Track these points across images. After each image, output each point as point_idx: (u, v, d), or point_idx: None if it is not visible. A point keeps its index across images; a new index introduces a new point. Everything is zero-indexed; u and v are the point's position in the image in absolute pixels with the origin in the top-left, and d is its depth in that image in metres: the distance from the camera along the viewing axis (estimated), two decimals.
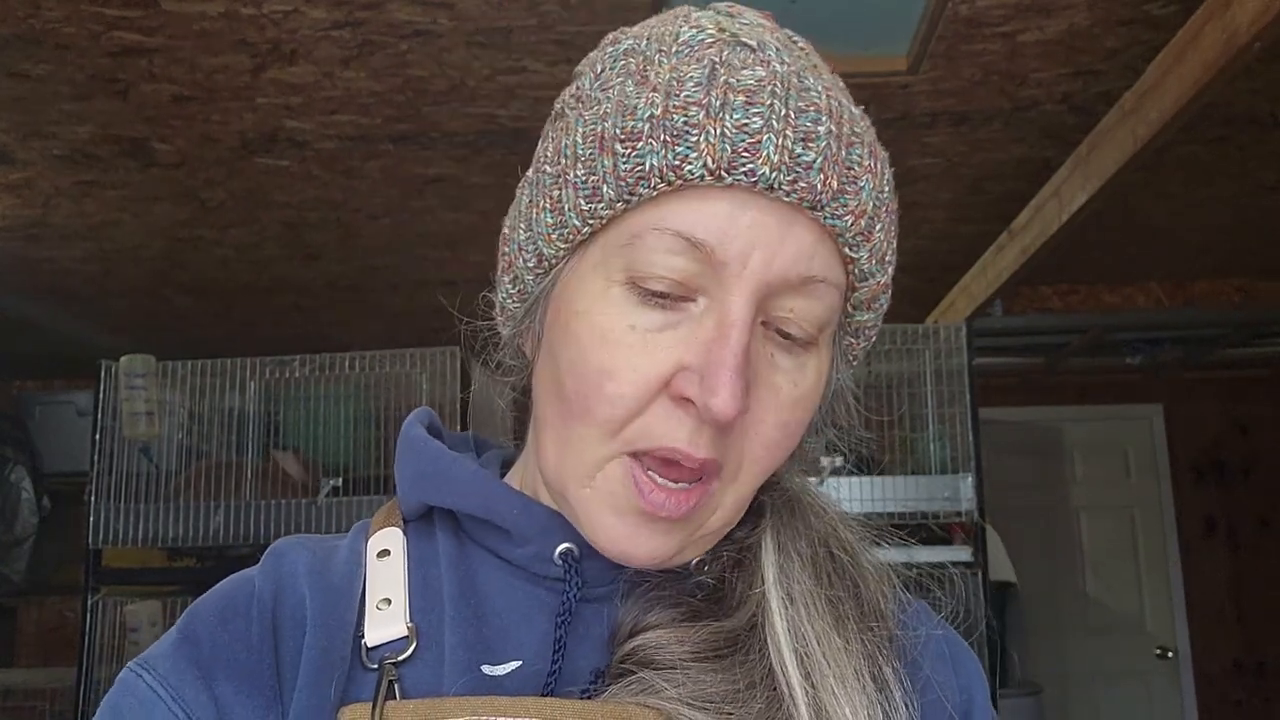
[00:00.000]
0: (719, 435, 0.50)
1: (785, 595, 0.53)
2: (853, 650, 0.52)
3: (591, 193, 0.51)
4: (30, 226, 3.23)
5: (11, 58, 2.20)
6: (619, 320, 0.50)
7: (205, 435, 2.91)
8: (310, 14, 2.06)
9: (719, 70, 0.50)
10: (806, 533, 0.56)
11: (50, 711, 3.62)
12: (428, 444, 0.60)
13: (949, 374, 2.67)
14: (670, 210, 0.49)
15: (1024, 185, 3.00)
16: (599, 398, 0.50)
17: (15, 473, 4.53)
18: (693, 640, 0.51)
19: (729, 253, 0.49)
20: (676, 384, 0.49)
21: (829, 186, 0.49)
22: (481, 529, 0.58)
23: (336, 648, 0.53)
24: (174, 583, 3.01)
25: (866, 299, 0.55)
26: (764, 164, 0.48)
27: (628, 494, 0.51)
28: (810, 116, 0.49)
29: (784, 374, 0.52)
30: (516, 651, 0.53)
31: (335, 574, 0.57)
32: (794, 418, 0.52)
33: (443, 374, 2.72)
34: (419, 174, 2.91)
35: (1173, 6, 2.06)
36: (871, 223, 0.51)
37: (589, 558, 0.55)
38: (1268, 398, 4.74)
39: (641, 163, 0.49)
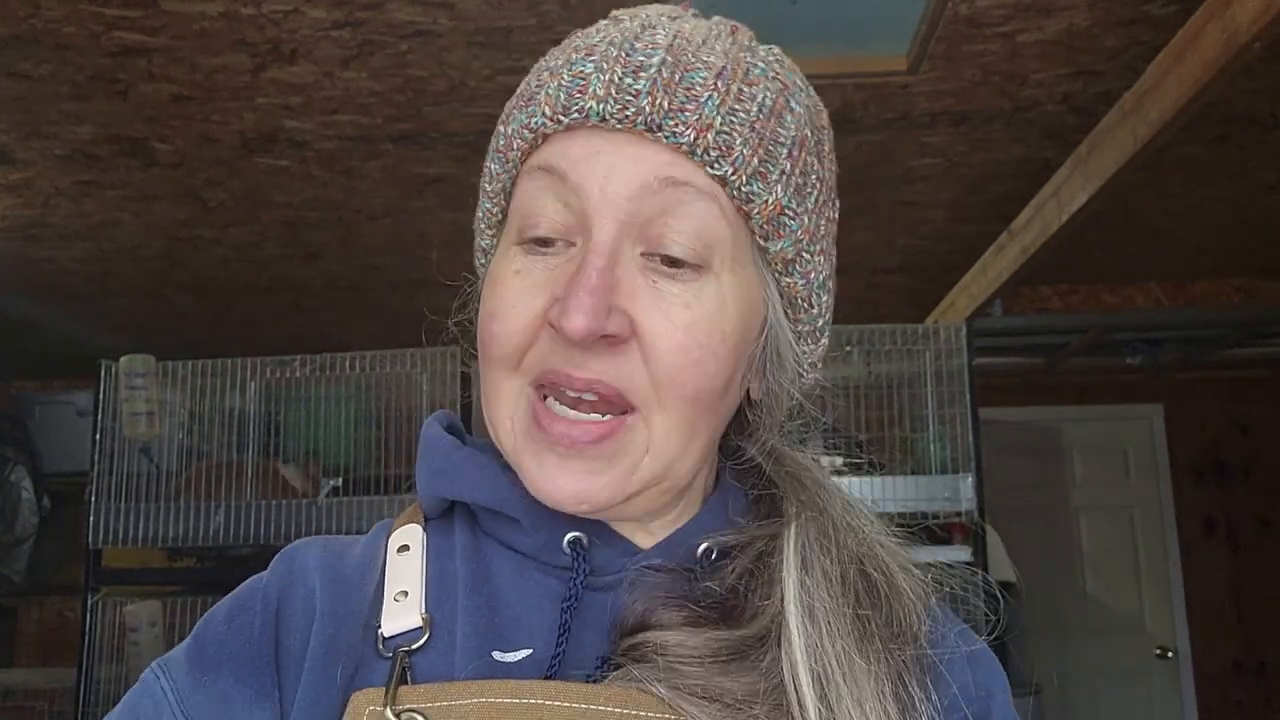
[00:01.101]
0: (601, 357, 0.52)
1: (806, 612, 0.52)
2: (875, 671, 0.51)
3: (489, 174, 0.61)
4: (30, 226, 3.23)
5: (11, 57, 2.20)
6: (507, 269, 0.56)
7: (205, 435, 2.91)
8: (310, 14, 2.06)
9: (574, 39, 0.58)
10: (837, 551, 0.56)
11: (50, 712, 3.62)
12: (442, 440, 0.62)
13: (949, 374, 2.67)
14: (533, 158, 0.56)
15: (1024, 185, 3.00)
16: (491, 338, 0.55)
17: (15, 473, 4.53)
18: (699, 644, 0.51)
19: (583, 177, 0.53)
20: (550, 314, 0.53)
21: (660, 106, 0.52)
22: (495, 522, 0.59)
23: (344, 635, 0.55)
24: (174, 583, 3.01)
25: (765, 223, 0.55)
26: (590, 99, 0.53)
27: (535, 435, 0.54)
28: (644, 53, 0.54)
29: (674, 298, 0.53)
30: (528, 639, 0.55)
31: (348, 567, 0.59)
32: (693, 340, 0.53)
33: (443, 374, 2.72)
34: (419, 174, 2.91)
35: (1173, 6, 2.06)
36: (727, 137, 0.53)
37: (598, 546, 0.57)
38: (1268, 398, 4.74)
39: (507, 130, 0.58)
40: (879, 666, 0.51)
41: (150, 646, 2.58)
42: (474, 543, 0.59)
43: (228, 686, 0.54)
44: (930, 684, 0.53)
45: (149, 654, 2.57)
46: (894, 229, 3.45)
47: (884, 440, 2.72)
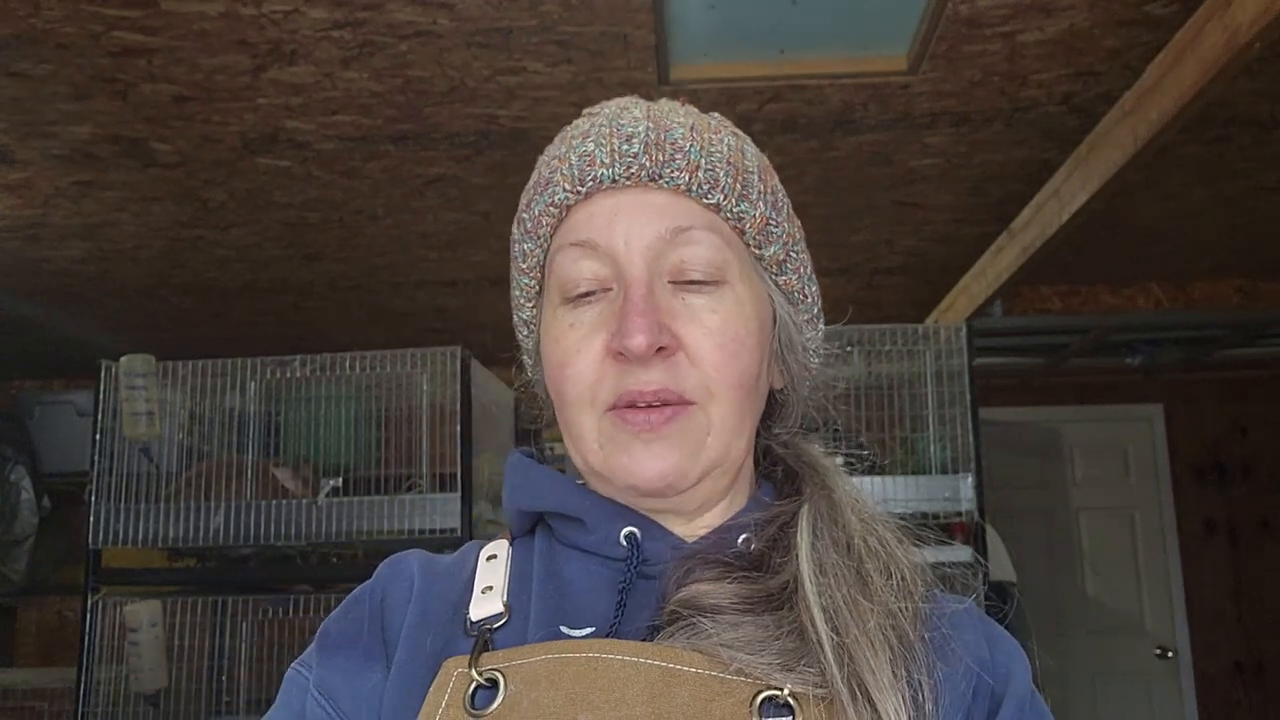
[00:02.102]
0: (664, 368, 0.64)
1: (816, 566, 0.62)
2: (877, 610, 0.60)
3: (523, 255, 0.72)
4: (30, 226, 3.23)
5: (11, 57, 2.20)
6: (562, 325, 0.67)
7: (206, 435, 2.91)
8: (310, 14, 2.07)
9: (567, 133, 0.71)
10: (844, 523, 0.66)
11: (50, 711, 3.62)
12: (522, 462, 0.74)
13: (949, 374, 2.67)
14: (564, 232, 0.68)
15: (1024, 186, 3.00)
16: (565, 383, 0.66)
17: (15, 473, 4.53)
18: (732, 592, 0.61)
19: (609, 239, 0.65)
20: (609, 347, 0.64)
21: (656, 160, 0.66)
22: (565, 527, 0.70)
23: (434, 613, 0.67)
24: (174, 583, 3.01)
25: (757, 234, 0.69)
26: (600, 167, 0.66)
27: (622, 433, 0.64)
28: (629, 126, 0.67)
29: (702, 309, 0.65)
30: (591, 620, 0.64)
31: (440, 565, 0.72)
32: (728, 336, 0.65)
33: (443, 374, 2.72)
34: (419, 174, 2.91)
35: (1173, 6, 2.06)
36: (712, 174, 0.66)
37: (649, 539, 0.67)
38: (1268, 398, 4.74)
39: (534, 212, 0.70)
40: (879, 607, 0.60)
41: (150, 646, 2.58)
42: (549, 549, 0.70)
43: (346, 661, 0.67)
44: (928, 638, 0.61)
45: (149, 654, 2.57)
46: (894, 229, 3.45)
47: (884, 440, 2.72)
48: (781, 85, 2.39)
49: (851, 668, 0.57)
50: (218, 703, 3.08)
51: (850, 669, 0.57)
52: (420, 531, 2.63)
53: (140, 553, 3.03)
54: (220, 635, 3.07)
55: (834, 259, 3.75)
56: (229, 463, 2.79)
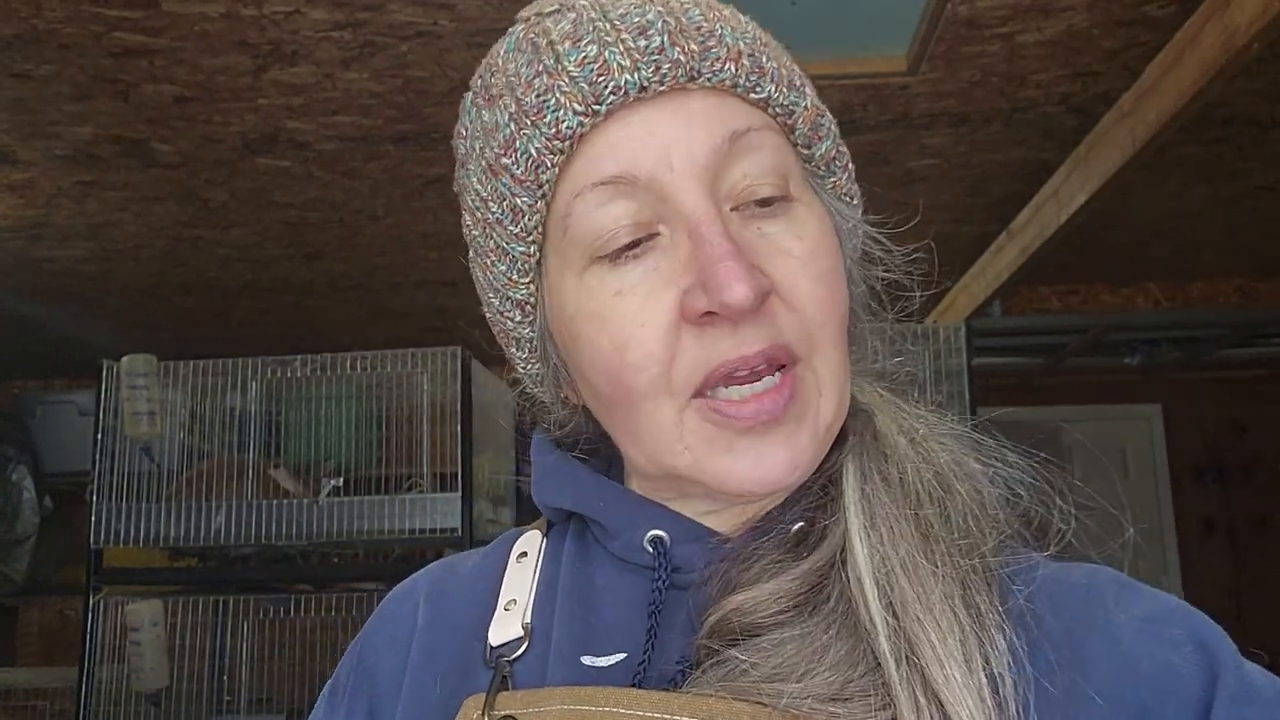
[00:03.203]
0: (762, 322, 0.49)
1: (866, 520, 0.50)
2: (942, 574, 0.48)
3: (513, 214, 0.53)
4: (32, 226, 3.24)
5: (13, 58, 2.21)
6: (605, 295, 0.51)
7: (207, 435, 2.92)
8: (311, 15, 2.07)
9: (538, 40, 0.52)
10: (892, 454, 0.54)
11: (51, 711, 3.62)
12: (541, 448, 0.62)
13: (948, 374, 2.67)
14: (578, 173, 0.51)
15: (1023, 186, 3.01)
16: (629, 371, 0.50)
17: (17, 472, 4.53)
18: (768, 596, 0.49)
19: (650, 167, 0.49)
20: (689, 307, 0.49)
21: (690, 53, 0.49)
22: (596, 526, 0.59)
23: (444, 646, 0.58)
24: (175, 582, 3.02)
25: (807, 130, 0.54)
26: (620, 73, 0.49)
27: (722, 430, 0.50)
28: (635, 13, 0.50)
29: (783, 235, 0.51)
30: (622, 643, 0.54)
31: (459, 578, 0.63)
32: (821, 266, 0.51)
33: (443, 374, 2.73)
34: (420, 174, 2.92)
35: (1172, 7, 2.07)
36: (755, 59, 0.51)
37: (679, 543, 0.55)
38: (1267, 398, 4.74)
39: (528, 154, 0.51)
40: (944, 571, 0.48)
41: (151, 646, 2.58)
42: (581, 548, 0.59)
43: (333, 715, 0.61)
44: (1005, 604, 0.49)
45: (150, 653, 2.58)
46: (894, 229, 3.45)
47: None
48: None
49: (913, 663, 0.46)
50: (218, 702, 3.09)
51: (911, 665, 0.46)
52: (420, 531, 2.63)
53: (142, 552, 3.03)
54: (221, 635, 3.07)
55: None
56: (230, 462, 2.80)
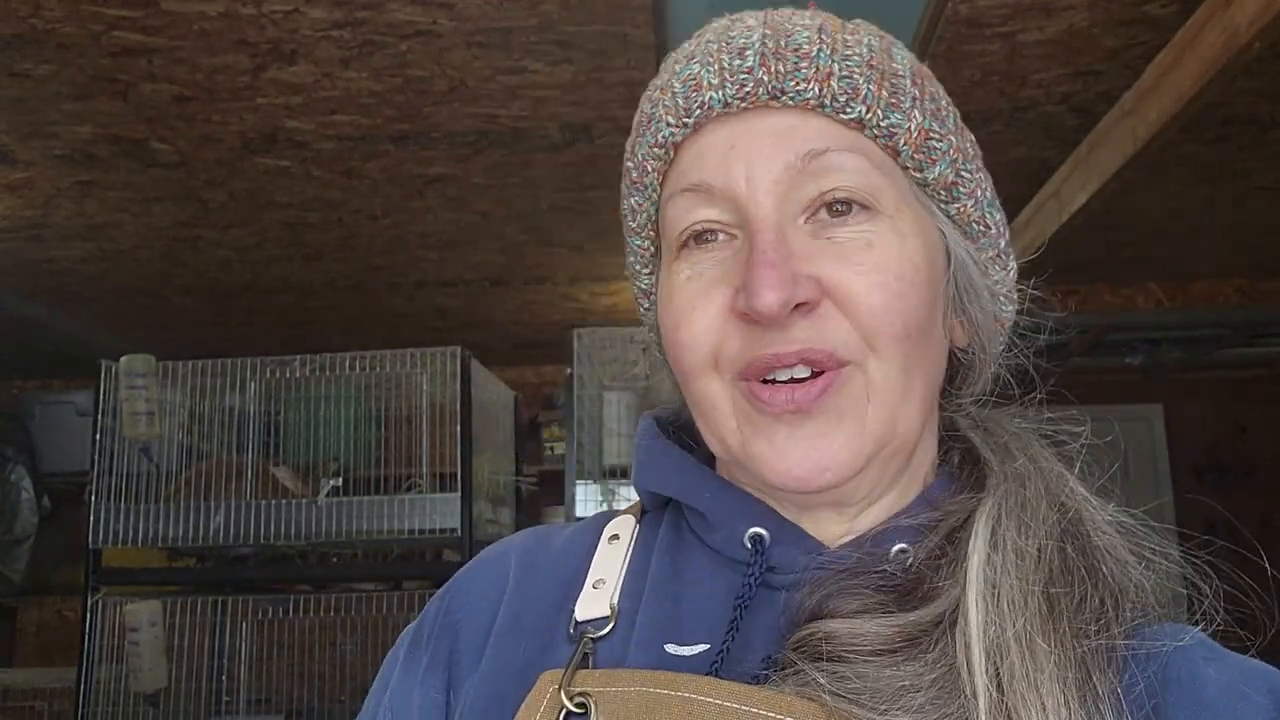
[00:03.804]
0: (806, 325, 0.51)
1: (989, 591, 0.49)
2: (1058, 656, 0.47)
3: (631, 212, 0.60)
4: (31, 227, 3.24)
5: (12, 58, 2.20)
6: (678, 279, 0.56)
7: (205, 435, 2.91)
8: (310, 14, 2.07)
9: (670, 61, 0.59)
10: (1035, 525, 0.52)
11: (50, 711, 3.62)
12: (648, 434, 0.64)
13: None
14: (674, 178, 0.56)
15: (1024, 185, 3.00)
16: (680, 348, 0.55)
17: (15, 472, 4.53)
18: (868, 634, 0.49)
19: (727, 178, 0.53)
20: (736, 304, 0.52)
21: (775, 73, 0.53)
22: (694, 517, 0.60)
23: (530, 614, 0.60)
24: (174, 583, 3.02)
25: (916, 153, 0.54)
26: (707, 90, 0.54)
27: (759, 414, 0.53)
28: (741, 38, 0.55)
29: (852, 243, 0.52)
30: (707, 634, 0.55)
31: (551, 551, 0.64)
32: (888, 274, 0.52)
33: (443, 374, 2.73)
34: (419, 174, 2.91)
35: (1173, 6, 2.07)
36: (850, 81, 0.53)
37: (779, 543, 0.56)
38: (1267, 398, 4.74)
39: (639, 161, 0.58)
40: (1063, 651, 0.47)
41: (150, 646, 2.58)
42: (675, 537, 0.60)
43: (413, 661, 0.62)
44: (1119, 683, 0.48)
45: (149, 653, 2.57)
46: None
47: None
48: None
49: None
50: (217, 702, 3.09)
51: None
52: (419, 532, 2.63)
53: (140, 552, 3.03)
54: (220, 635, 3.07)
55: None
56: (229, 462, 2.79)
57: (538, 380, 5.37)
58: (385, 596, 2.84)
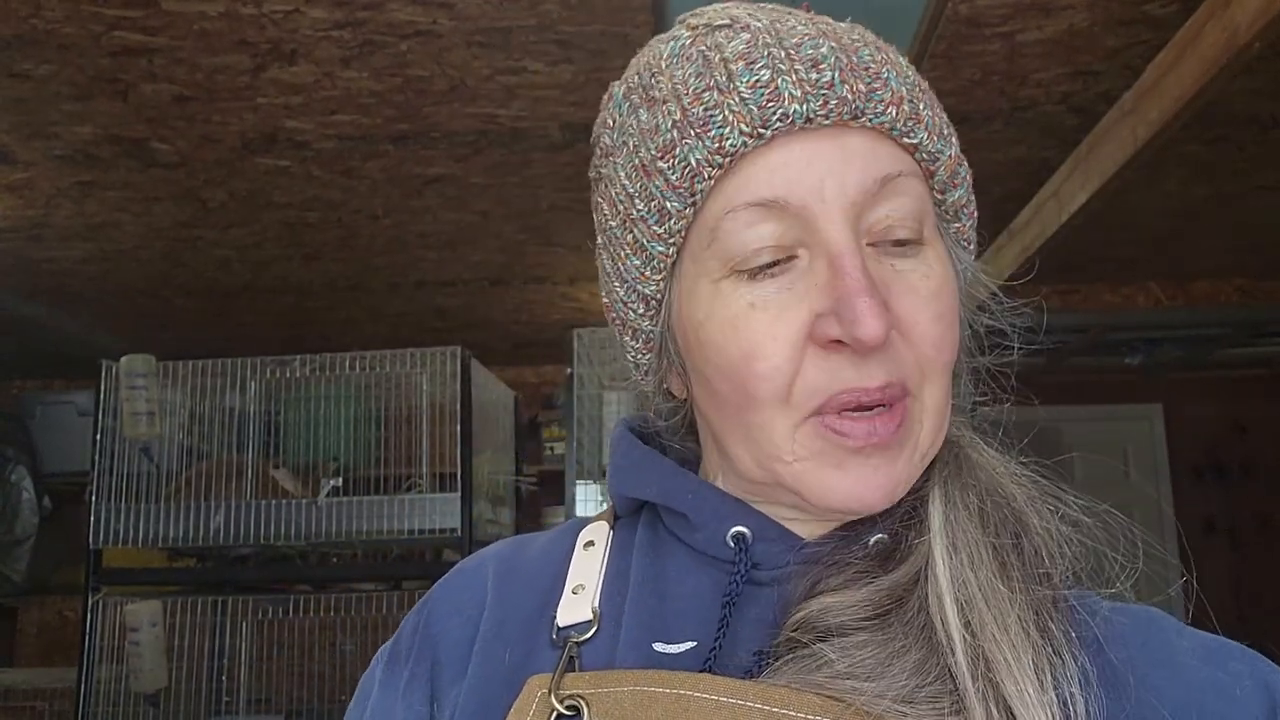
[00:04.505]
0: (884, 357, 0.52)
1: (950, 544, 0.53)
2: (1017, 599, 0.51)
3: (659, 215, 0.55)
4: (31, 227, 3.24)
5: (12, 58, 2.20)
6: (739, 305, 0.53)
7: (206, 435, 2.91)
8: (310, 14, 2.07)
9: (709, 54, 0.54)
10: (974, 485, 0.56)
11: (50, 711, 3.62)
12: (624, 439, 0.64)
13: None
14: (733, 189, 0.53)
15: (1023, 185, 3.00)
16: (754, 379, 0.53)
17: (16, 473, 4.53)
18: (855, 603, 0.52)
19: (803, 196, 0.52)
20: (819, 332, 0.51)
21: (858, 92, 0.52)
22: (672, 518, 0.61)
23: (512, 622, 0.60)
24: (174, 583, 3.02)
25: (947, 177, 0.56)
26: (790, 102, 0.51)
27: (834, 447, 0.53)
28: (809, 45, 0.53)
29: (913, 275, 0.54)
30: (694, 632, 0.56)
31: (527, 560, 0.64)
32: (943, 307, 0.54)
33: (443, 374, 2.73)
34: (419, 174, 2.91)
35: (1173, 6, 2.07)
36: (914, 106, 0.54)
37: (761, 540, 0.57)
38: (1268, 398, 4.74)
39: (687, 164, 0.53)
40: (1020, 595, 0.51)
41: (150, 646, 2.58)
42: (653, 539, 0.61)
43: (388, 682, 0.62)
44: (1078, 632, 0.52)
45: (149, 654, 2.57)
46: None
47: None
48: None
49: (988, 679, 0.48)
50: (218, 702, 3.09)
51: (987, 681, 0.48)
52: (419, 531, 2.63)
53: (141, 553, 3.03)
54: (220, 635, 3.07)
55: None
56: (229, 462, 2.79)
57: (537, 380, 5.37)
58: (385, 596, 2.84)
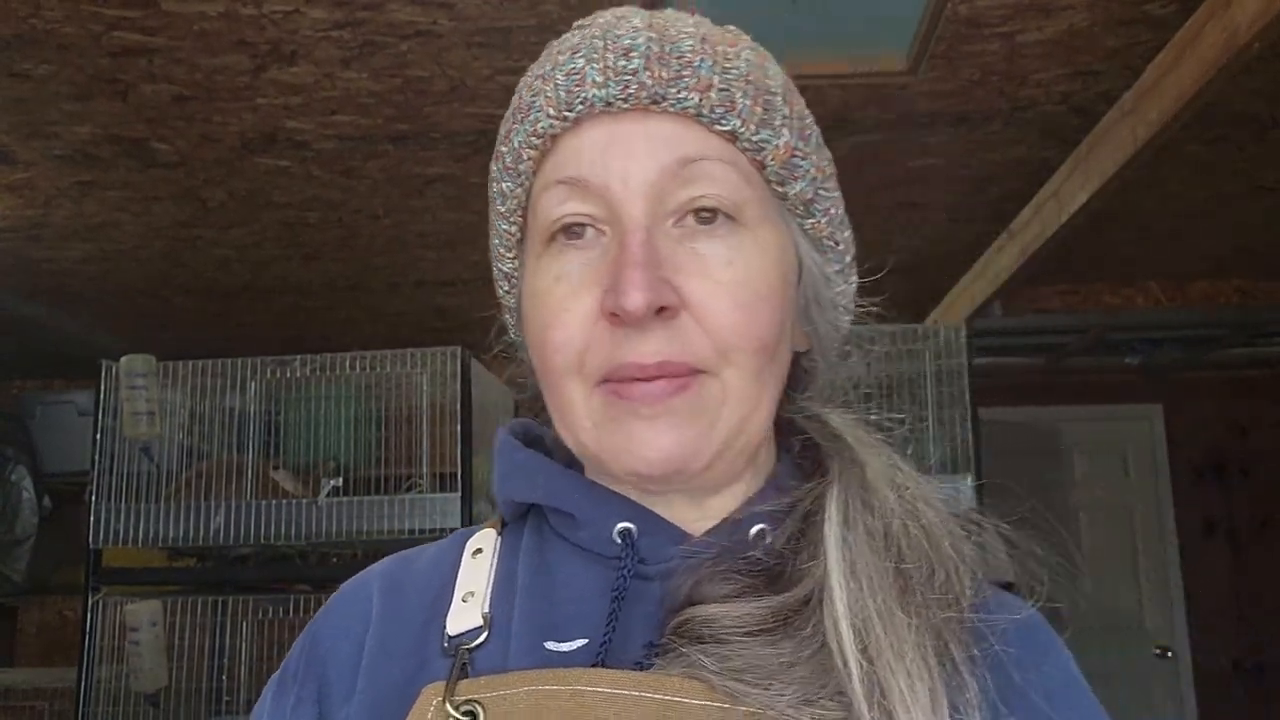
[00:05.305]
0: (667, 334, 0.54)
1: (848, 569, 0.53)
2: (916, 625, 0.51)
3: (501, 196, 0.61)
4: (31, 226, 3.24)
5: (12, 58, 2.20)
6: (546, 278, 0.57)
7: (206, 435, 2.91)
8: (310, 14, 2.07)
9: (554, 47, 0.60)
10: (879, 505, 0.56)
11: (50, 711, 3.62)
12: (507, 445, 0.66)
13: (949, 374, 2.67)
14: (549, 168, 0.58)
15: (1023, 185, 3.00)
16: (550, 349, 0.56)
17: (16, 473, 4.53)
18: (743, 616, 0.52)
19: (604, 175, 0.55)
20: (602, 305, 0.54)
21: (660, 79, 0.55)
22: (558, 519, 0.62)
23: (399, 637, 0.60)
24: (174, 583, 3.01)
25: (780, 169, 0.58)
26: (592, 87, 0.55)
27: (620, 410, 0.55)
28: (627, 38, 0.56)
29: (714, 258, 0.55)
30: (584, 629, 0.56)
31: (413, 574, 0.64)
32: (747, 291, 0.55)
33: (443, 374, 2.72)
34: (419, 174, 2.91)
35: (1173, 6, 2.07)
36: (727, 94, 0.55)
37: (646, 535, 0.58)
38: (1267, 398, 4.74)
39: (513, 145, 0.59)
40: (920, 621, 0.52)
41: (150, 646, 2.58)
42: (540, 542, 0.62)
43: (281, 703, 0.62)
44: (978, 655, 0.53)
45: (149, 654, 2.57)
46: (894, 229, 3.45)
47: (884, 440, 2.71)
48: None
49: (882, 705, 0.49)
50: (218, 703, 3.08)
51: (881, 708, 0.49)
52: (420, 531, 2.63)
53: (140, 553, 3.03)
54: (220, 635, 3.06)
55: None
56: (229, 462, 2.79)
57: None
58: None
